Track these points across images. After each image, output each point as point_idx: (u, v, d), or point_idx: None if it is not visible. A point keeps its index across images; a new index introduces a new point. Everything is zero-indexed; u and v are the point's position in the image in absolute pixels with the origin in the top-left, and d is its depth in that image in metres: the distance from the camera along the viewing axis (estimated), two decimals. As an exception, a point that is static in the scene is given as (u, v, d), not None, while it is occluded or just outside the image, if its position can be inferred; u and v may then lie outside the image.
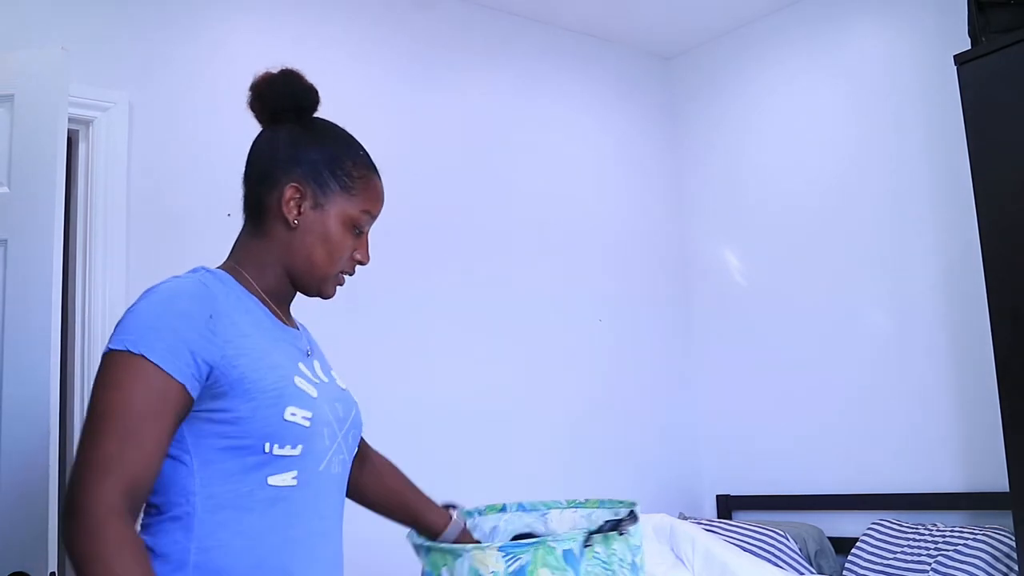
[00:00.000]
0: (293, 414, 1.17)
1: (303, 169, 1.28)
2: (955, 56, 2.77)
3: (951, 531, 2.94)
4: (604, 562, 1.24)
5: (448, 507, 1.50)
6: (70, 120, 2.36)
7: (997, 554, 2.76)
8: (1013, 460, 2.57)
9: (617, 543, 1.26)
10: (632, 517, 1.28)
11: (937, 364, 3.25)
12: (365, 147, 1.36)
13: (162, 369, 1.09)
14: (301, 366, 1.25)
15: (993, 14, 2.70)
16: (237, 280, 1.27)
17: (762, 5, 3.85)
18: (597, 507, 1.51)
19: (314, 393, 1.22)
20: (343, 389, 1.34)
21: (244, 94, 1.33)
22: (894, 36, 3.49)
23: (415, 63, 3.47)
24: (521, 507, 1.54)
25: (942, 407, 3.23)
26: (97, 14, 2.75)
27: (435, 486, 1.52)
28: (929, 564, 2.86)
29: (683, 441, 3.99)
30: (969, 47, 2.81)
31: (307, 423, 1.19)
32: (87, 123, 2.67)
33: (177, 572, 1.12)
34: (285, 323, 1.32)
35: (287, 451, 1.17)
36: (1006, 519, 2.78)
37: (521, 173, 3.69)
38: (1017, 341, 2.58)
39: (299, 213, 1.27)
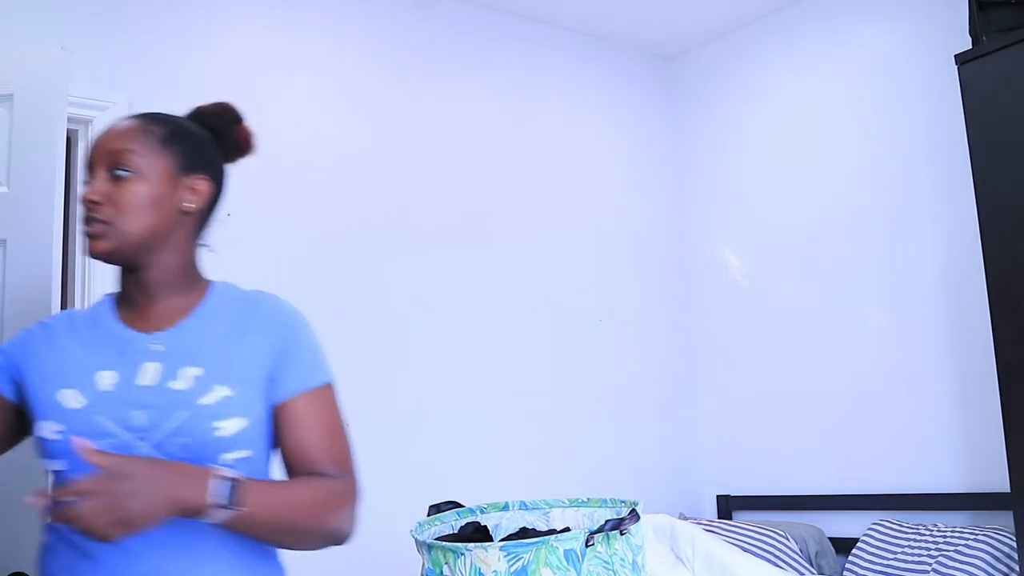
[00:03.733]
0: (45, 428, 1.15)
1: None
2: (956, 56, 2.77)
3: (952, 531, 2.94)
4: (606, 561, 1.23)
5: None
6: (70, 120, 2.35)
7: (998, 554, 2.76)
8: (1014, 460, 2.57)
9: (619, 542, 1.26)
10: (633, 516, 1.28)
11: (937, 364, 3.25)
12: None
13: None
14: (98, 375, 1.16)
15: (994, 14, 2.70)
16: (114, 299, 1.27)
17: (762, 5, 3.85)
18: (599, 506, 1.50)
19: (75, 404, 1.14)
20: (176, 392, 1.15)
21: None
22: (894, 36, 3.49)
23: (414, 63, 3.47)
24: (523, 505, 1.54)
25: (942, 407, 3.22)
26: (97, 14, 2.75)
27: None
28: (930, 564, 2.85)
29: (683, 441, 3.99)
30: (970, 47, 2.81)
31: (58, 436, 1.13)
32: (87, 123, 2.67)
33: None
34: (131, 327, 1.22)
35: (57, 466, 1.14)
36: (1007, 519, 2.78)
37: (521, 173, 3.68)
38: (1018, 341, 2.58)
39: None
